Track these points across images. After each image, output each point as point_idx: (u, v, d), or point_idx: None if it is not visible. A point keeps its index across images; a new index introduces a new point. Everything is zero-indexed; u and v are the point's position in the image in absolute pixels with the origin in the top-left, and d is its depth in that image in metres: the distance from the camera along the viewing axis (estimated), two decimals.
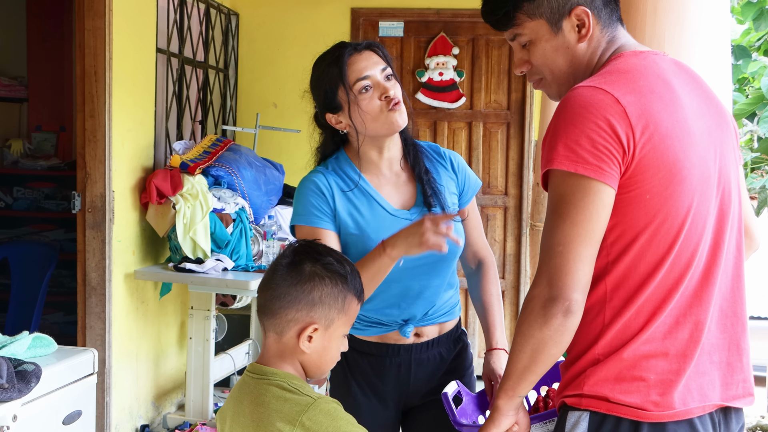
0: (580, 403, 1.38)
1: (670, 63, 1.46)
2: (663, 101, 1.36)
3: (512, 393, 1.43)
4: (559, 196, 1.34)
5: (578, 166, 1.31)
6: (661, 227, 1.35)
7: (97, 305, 3.51)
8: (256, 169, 4.05)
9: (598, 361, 1.37)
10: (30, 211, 4.91)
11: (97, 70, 3.43)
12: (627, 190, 1.34)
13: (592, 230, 1.32)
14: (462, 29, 4.78)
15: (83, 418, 2.29)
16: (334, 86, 1.88)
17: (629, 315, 1.36)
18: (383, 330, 1.93)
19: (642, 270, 1.36)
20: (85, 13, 3.42)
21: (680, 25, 2.14)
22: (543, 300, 1.33)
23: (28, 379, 1.98)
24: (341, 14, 4.79)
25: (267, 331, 1.52)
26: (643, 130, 1.32)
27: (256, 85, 4.90)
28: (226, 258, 3.75)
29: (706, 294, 1.39)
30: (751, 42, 5.63)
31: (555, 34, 1.47)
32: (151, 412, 4.01)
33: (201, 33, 4.47)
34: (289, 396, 1.44)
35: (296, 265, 1.50)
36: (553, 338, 1.33)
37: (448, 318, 1.99)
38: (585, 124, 1.32)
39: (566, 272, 1.31)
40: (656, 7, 2.14)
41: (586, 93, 1.35)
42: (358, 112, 1.87)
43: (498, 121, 4.81)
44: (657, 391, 1.34)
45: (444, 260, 1.93)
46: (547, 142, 1.37)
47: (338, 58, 1.88)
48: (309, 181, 1.92)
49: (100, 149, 3.46)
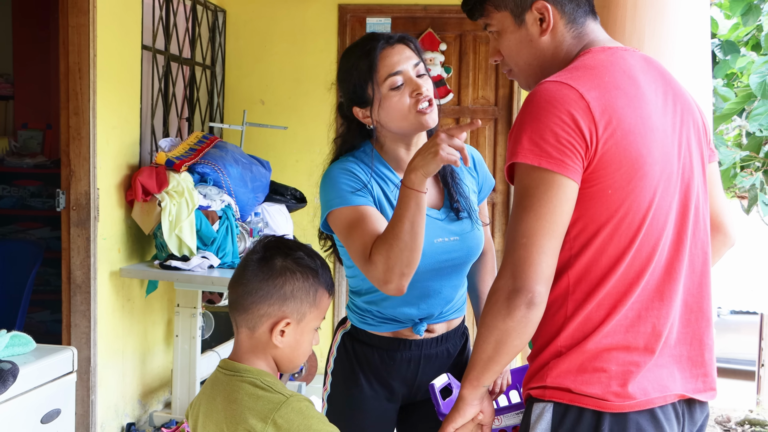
0: (544, 395, 1.40)
1: (638, 59, 1.47)
2: (627, 97, 1.38)
3: (476, 383, 1.45)
4: (524, 188, 1.36)
5: (542, 160, 1.33)
6: (622, 222, 1.36)
7: (83, 303, 3.49)
8: (243, 166, 4.04)
9: (561, 354, 1.39)
10: (16, 209, 4.89)
11: (81, 67, 3.41)
12: (589, 185, 1.35)
13: (555, 223, 1.33)
14: (449, 25, 4.77)
15: (62, 416, 2.27)
16: (363, 80, 1.80)
17: (591, 308, 1.38)
18: (397, 327, 1.91)
19: (603, 263, 1.37)
20: (68, 10, 3.41)
21: (660, 20, 2.14)
22: (507, 292, 1.34)
23: (5, 378, 1.97)
24: (328, 11, 4.77)
25: (239, 326, 1.52)
26: (606, 126, 1.34)
27: (243, 81, 4.88)
28: (212, 255, 3.74)
29: (668, 289, 1.40)
30: (739, 37, 5.62)
31: (518, 26, 1.50)
32: (138, 410, 3.99)
33: (187, 29, 4.45)
34: (262, 393, 1.44)
35: (267, 260, 1.50)
36: (516, 329, 1.34)
37: (457, 315, 1.98)
38: (549, 118, 1.34)
39: (529, 264, 1.33)
40: (636, 2, 2.14)
41: (552, 88, 1.37)
42: (387, 109, 1.80)
43: (486, 116, 4.80)
44: (617, 381, 1.36)
45: (466, 261, 1.92)
46: (513, 135, 1.39)
47: (369, 51, 1.80)
48: (338, 167, 1.82)
49: (84, 147, 3.45)
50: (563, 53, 1.49)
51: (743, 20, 5.32)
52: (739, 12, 5.26)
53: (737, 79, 5.67)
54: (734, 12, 5.31)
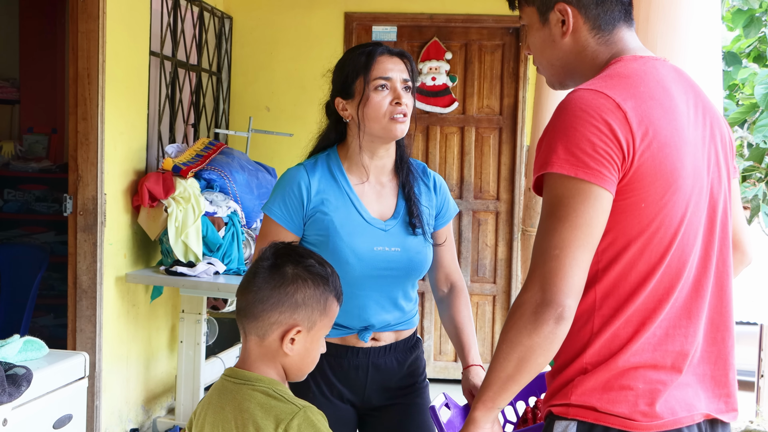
0: (568, 413, 1.35)
1: (670, 69, 1.44)
2: (662, 108, 1.34)
3: (491, 404, 1.38)
4: (557, 198, 1.30)
5: (579, 170, 1.28)
6: (654, 237, 1.33)
7: (88, 308, 3.50)
8: (249, 172, 4.05)
9: (587, 371, 1.34)
10: (21, 213, 4.88)
11: (90, 73, 3.42)
12: (623, 197, 1.31)
13: (590, 235, 1.28)
14: (455, 34, 4.80)
15: (74, 422, 2.28)
16: (355, 73, 1.94)
17: (618, 324, 1.33)
18: (343, 332, 1.97)
19: (633, 279, 1.33)
20: (78, 16, 3.42)
21: (672, 33, 2.15)
22: (534, 305, 1.28)
23: (19, 383, 1.97)
24: (334, 19, 4.79)
25: (248, 334, 1.51)
26: (643, 137, 1.30)
27: (249, 88, 4.90)
28: (217, 261, 3.75)
29: (696, 306, 1.37)
30: (741, 49, 5.66)
31: (543, 25, 1.47)
32: (141, 416, 4.00)
33: (194, 36, 4.47)
34: (275, 403, 1.44)
35: (278, 268, 1.49)
36: (542, 346, 1.28)
37: (405, 327, 2.03)
38: (586, 127, 1.29)
39: (561, 276, 1.27)
40: (648, 15, 2.15)
41: (587, 96, 1.32)
42: (367, 107, 1.92)
43: (490, 126, 4.82)
44: (645, 400, 1.32)
45: (408, 274, 1.97)
46: (545, 144, 1.33)
47: (371, 52, 1.95)
48: (291, 176, 1.97)
49: (92, 152, 3.46)
50: (588, 58, 1.45)
51: (745, 32, 5.35)
52: (741, 24, 5.29)
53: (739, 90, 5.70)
54: (736, 24, 5.35)
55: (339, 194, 1.95)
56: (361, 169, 1.98)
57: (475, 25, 4.78)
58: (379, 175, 1.99)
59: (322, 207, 1.93)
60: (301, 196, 1.94)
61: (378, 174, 1.99)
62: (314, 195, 1.94)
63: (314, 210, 1.93)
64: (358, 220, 1.93)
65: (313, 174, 1.95)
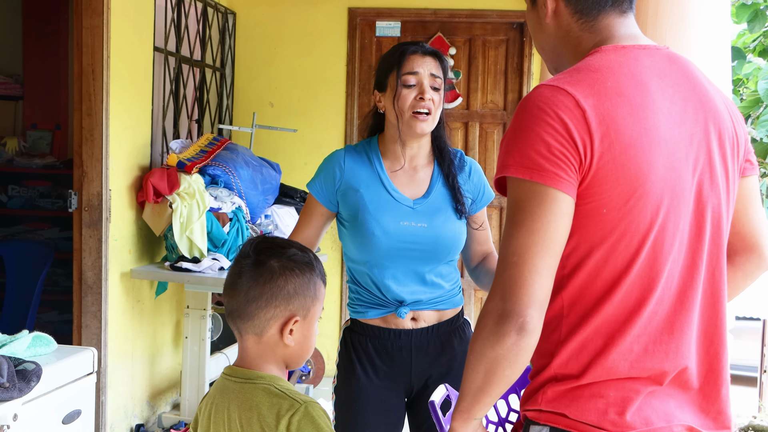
0: (540, 418, 1.30)
1: (660, 59, 1.32)
2: (631, 106, 1.25)
3: (467, 415, 1.32)
4: (514, 202, 1.25)
5: (534, 173, 1.21)
6: (618, 244, 1.25)
7: (93, 304, 3.50)
8: (253, 168, 4.05)
9: (557, 378, 1.28)
10: (25, 209, 4.89)
11: (94, 69, 3.42)
12: (584, 202, 1.24)
13: (549, 240, 1.21)
14: (459, 29, 4.79)
15: (83, 417, 2.28)
16: (389, 68, 2.07)
17: (587, 334, 1.26)
18: (381, 312, 2.04)
19: (598, 287, 1.26)
20: (83, 11, 3.41)
21: (681, 28, 2.15)
22: (496, 315, 1.21)
23: (29, 378, 1.97)
24: (338, 14, 4.79)
25: (244, 334, 1.50)
26: (603, 138, 1.22)
27: (252, 84, 4.90)
28: (222, 257, 3.75)
29: (680, 320, 1.28)
30: (746, 43, 5.66)
31: (532, 6, 1.43)
32: (146, 412, 4.00)
33: (198, 32, 4.46)
34: (276, 400, 1.45)
35: (263, 263, 1.48)
36: (506, 358, 1.21)
37: (445, 306, 2.09)
38: (541, 126, 1.22)
39: (521, 285, 1.20)
40: (657, 10, 2.16)
41: (546, 92, 1.25)
42: (394, 100, 2.04)
43: (494, 121, 4.82)
44: (615, 409, 1.25)
45: (435, 249, 2.03)
46: (504, 145, 1.28)
47: (404, 50, 2.07)
48: (331, 156, 2.15)
49: (97, 148, 3.46)
50: (572, 44, 1.38)
51: (750, 27, 5.35)
52: (746, 18, 5.29)
53: (743, 85, 5.70)
54: (741, 19, 5.35)
55: (371, 174, 2.08)
56: (396, 156, 2.10)
57: (479, 20, 4.77)
58: (413, 161, 2.10)
59: (354, 184, 2.07)
60: (335, 173, 2.09)
61: (412, 160, 2.10)
62: (347, 173, 2.08)
63: (346, 187, 2.07)
64: (386, 197, 2.05)
65: (351, 155, 2.11)
